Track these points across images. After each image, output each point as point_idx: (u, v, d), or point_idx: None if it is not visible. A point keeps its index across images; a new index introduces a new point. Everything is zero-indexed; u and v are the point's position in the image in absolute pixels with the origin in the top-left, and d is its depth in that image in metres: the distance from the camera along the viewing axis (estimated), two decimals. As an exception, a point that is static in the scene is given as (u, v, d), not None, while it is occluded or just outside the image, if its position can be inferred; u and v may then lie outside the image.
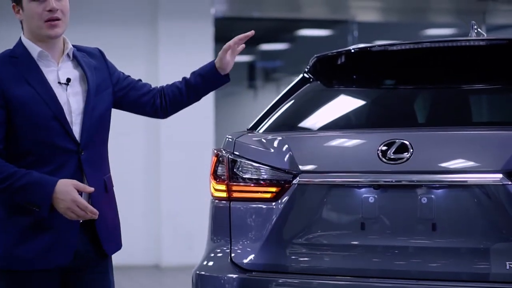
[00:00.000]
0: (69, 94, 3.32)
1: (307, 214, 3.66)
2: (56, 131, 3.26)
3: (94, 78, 3.40)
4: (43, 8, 3.27)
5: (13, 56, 3.31)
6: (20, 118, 3.23)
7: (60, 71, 3.34)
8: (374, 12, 11.11)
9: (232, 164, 3.86)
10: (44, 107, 3.25)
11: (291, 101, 4.10)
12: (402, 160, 3.49)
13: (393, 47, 3.97)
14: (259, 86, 14.18)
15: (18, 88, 3.23)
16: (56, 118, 3.26)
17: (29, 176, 3.19)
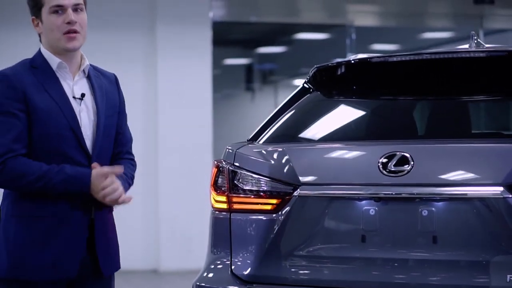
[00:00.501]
0: (81, 109, 3.40)
1: (308, 226, 3.66)
2: (70, 142, 3.34)
3: (103, 99, 3.47)
4: (62, 20, 3.35)
5: (33, 66, 3.39)
6: (37, 126, 3.30)
7: (75, 86, 3.42)
8: (372, 16, 11.12)
9: (233, 175, 3.86)
10: (61, 117, 3.33)
11: (291, 112, 4.10)
12: (403, 173, 3.49)
13: (393, 58, 3.97)
14: (257, 88, 14.19)
15: (38, 97, 3.31)
16: (72, 129, 3.34)
17: (64, 172, 3.28)
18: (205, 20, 9.62)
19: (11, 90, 3.29)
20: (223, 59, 13.04)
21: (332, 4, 10.55)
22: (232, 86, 14.01)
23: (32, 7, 3.41)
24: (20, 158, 3.27)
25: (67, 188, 3.29)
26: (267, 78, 14.47)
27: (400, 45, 12.80)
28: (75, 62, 3.44)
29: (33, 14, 3.42)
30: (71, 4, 3.36)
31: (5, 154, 3.26)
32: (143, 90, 9.58)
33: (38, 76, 3.35)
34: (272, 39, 13.23)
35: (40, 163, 3.29)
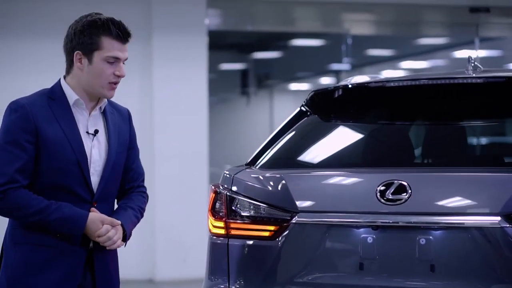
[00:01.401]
0: (94, 145, 3.41)
1: (306, 253, 3.67)
2: (75, 178, 3.35)
3: (115, 135, 3.49)
4: (113, 71, 3.37)
5: (51, 98, 3.38)
6: (45, 159, 3.31)
7: (89, 122, 3.42)
8: (368, 25, 11.12)
9: (230, 201, 3.86)
10: (70, 152, 3.33)
11: (289, 135, 4.10)
12: (401, 201, 3.50)
13: (391, 83, 3.98)
14: (252, 93, 14.19)
15: (49, 129, 3.31)
16: (79, 164, 3.34)
17: (61, 211, 3.30)
18: (201, 29, 9.61)
19: (24, 121, 3.29)
20: (219, 64, 13.04)
21: (328, 13, 10.55)
22: (228, 91, 14.01)
23: (84, 44, 3.36)
24: (21, 190, 3.29)
25: (61, 227, 3.31)
26: (262, 82, 14.47)
27: (395, 52, 12.83)
28: (93, 99, 3.45)
29: (82, 50, 3.36)
30: (124, 58, 3.41)
31: (7, 183, 3.27)
32: (139, 98, 9.56)
33: (54, 109, 3.35)
34: (268, 44, 13.24)
35: (39, 198, 3.31)
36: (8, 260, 3.38)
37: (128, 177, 3.60)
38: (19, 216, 3.31)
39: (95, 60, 3.35)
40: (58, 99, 3.38)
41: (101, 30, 3.35)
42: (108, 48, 3.34)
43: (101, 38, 3.34)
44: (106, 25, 3.35)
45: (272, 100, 14.32)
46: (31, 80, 8.95)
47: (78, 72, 3.39)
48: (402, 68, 13.53)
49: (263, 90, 14.35)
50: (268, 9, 10.37)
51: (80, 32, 3.36)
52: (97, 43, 3.34)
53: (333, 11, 10.51)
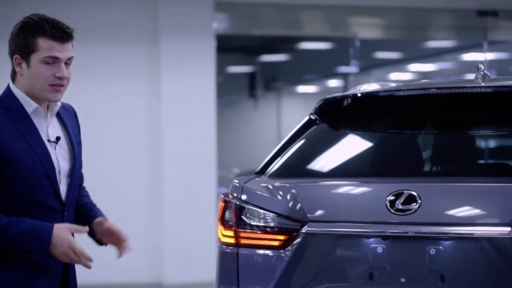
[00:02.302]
0: (57, 152, 3.27)
1: (316, 263, 3.67)
2: (45, 190, 3.20)
3: (75, 138, 3.35)
4: (53, 72, 3.20)
5: (6, 108, 3.21)
6: (12, 174, 3.15)
7: (49, 128, 3.28)
8: (375, 29, 11.12)
9: (240, 210, 3.86)
10: (38, 164, 3.18)
11: (298, 144, 4.10)
12: (410, 212, 3.50)
13: (400, 92, 3.98)
14: (260, 95, 14.20)
15: (14, 143, 3.15)
16: (48, 176, 3.20)
17: (23, 224, 3.12)
18: (208, 33, 9.63)
19: None
20: (226, 66, 13.05)
21: (335, 17, 10.56)
22: (235, 93, 14.02)
23: (20, 47, 3.20)
24: None
25: (25, 241, 3.12)
26: (270, 85, 14.48)
27: (403, 55, 12.82)
28: (45, 103, 3.28)
29: (19, 53, 3.20)
30: (65, 58, 3.22)
31: None
32: (147, 102, 9.58)
33: (13, 120, 3.19)
34: (275, 47, 13.24)
35: (1, 216, 3.12)
36: None
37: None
38: None
39: (32, 62, 3.18)
40: (15, 109, 3.21)
41: (35, 31, 3.17)
42: (44, 49, 3.17)
43: (37, 39, 3.17)
44: (39, 25, 3.17)
45: (279, 103, 14.33)
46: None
47: (19, 77, 3.23)
48: (410, 71, 13.53)
49: (270, 93, 14.36)
50: (275, 13, 10.38)
51: (16, 35, 3.20)
52: (32, 45, 3.17)
53: (340, 15, 10.51)
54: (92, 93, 9.31)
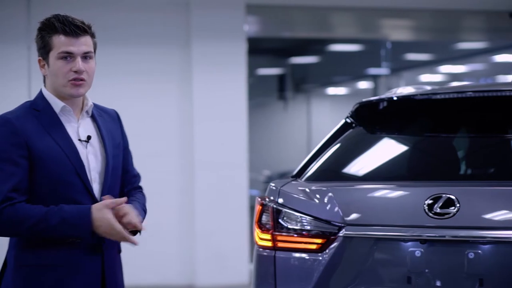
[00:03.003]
0: (88, 151, 3.32)
1: (353, 266, 3.67)
2: (76, 188, 3.26)
3: (110, 138, 3.40)
4: (70, 68, 3.27)
5: (35, 109, 3.30)
6: (41, 172, 3.22)
7: (80, 128, 3.34)
8: (406, 31, 11.09)
9: (277, 213, 3.87)
10: (66, 162, 3.24)
11: (334, 147, 4.11)
12: (449, 215, 3.50)
13: (437, 95, 3.97)
14: (289, 97, 14.19)
15: (41, 142, 3.22)
16: (78, 174, 3.26)
17: (63, 211, 3.19)
18: (240, 36, 9.65)
19: (14, 135, 3.21)
20: (256, 68, 13.06)
21: (366, 19, 10.54)
22: (265, 95, 14.03)
23: (40, 48, 3.32)
24: (18, 205, 3.18)
25: (67, 228, 3.18)
26: (300, 87, 14.47)
27: (434, 57, 12.76)
28: (78, 103, 3.36)
29: (40, 55, 3.33)
30: (80, 52, 3.28)
31: (2, 203, 3.16)
32: (179, 105, 9.62)
33: (41, 120, 3.27)
34: (305, 49, 13.23)
35: (39, 206, 3.20)
36: (15, 285, 3.24)
37: (126, 180, 3.51)
38: (23, 230, 3.18)
39: (51, 61, 3.28)
40: (43, 110, 3.30)
41: (48, 29, 3.27)
42: (58, 45, 3.25)
43: (51, 38, 3.26)
44: (51, 23, 3.28)
45: (309, 105, 14.31)
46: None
47: (46, 79, 3.35)
48: (441, 73, 13.47)
49: (300, 95, 14.35)
50: (306, 15, 10.38)
51: (36, 38, 3.33)
52: (49, 44, 3.27)
53: (371, 17, 10.49)
54: (125, 95, 9.36)
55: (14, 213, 3.17)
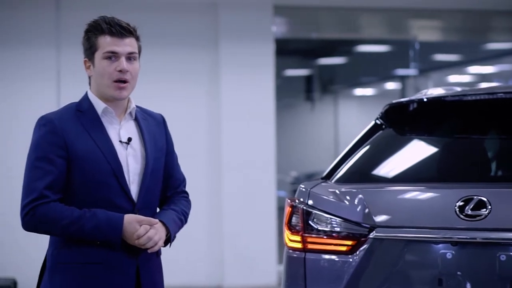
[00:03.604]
0: (128, 153, 3.35)
1: (384, 268, 3.67)
2: (113, 189, 3.29)
3: (152, 141, 3.42)
4: (114, 67, 3.32)
5: (79, 110, 3.35)
6: (79, 172, 3.26)
7: (121, 130, 3.38)
8: (435, 31, 11.04)
9: (307, 215, 3.87)
10: (104, 163, 3.28)
11: (364, 149, 4.10)
12: (480, 217, 3.48)
13: (467, 97, 3.95)
14: (317, 98, 14.18)
15: (81, 142, 3.28)
16: (115, 175, 3.29)
17: (96, 218, 3.24)
18: (268, 37, 9.66)
19: (53, 135, 3.26)
20: (283, 69, 13.06)
21: (394, 19, 10.51)
22: (292, 96, 14.02)
23: (86, 49, 3.38)
24: (51, 204, 3.23)
25: (98, 234, 3.24)
26: (327, 87, 14.45)
27: (463, 57, 12.69)
28: (121, 105, 3.40)
29: (86, 56, 3.38)
30: (125, 52, 3.33)
31: (36, 200, 3.22)
32: (207, 106, 9.64)
33: (83, 121, 3.32)
34: (333, 50, 13.21)
35: (72, 208, 3.25)
36: (53, 282, 3.28)
37: (169, 184, 3.53)
38: (55, 230, 3.24)
39: (96, 61, 3.34)
40: (86, 111, 3.35)
41: (94, 30, 3.34)
42: (104, 45, 3.31)
43: (97, 38, 3.33)
44: (97, 24, 3.34)
45: (337, 106, 14.29)
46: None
47: (91, 80, 3.40)
48: (469, 74, 13.40)
49: (328, 96, 14.33)
50: (334, 17, 10.36)
51: (82, 39, 3.39)
52: (94, 44, 3.33)
53: (399, 17, 10.45)
54: (153, 96, 9.38)
55: (47, 212, 3.22)
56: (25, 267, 8.86)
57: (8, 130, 9.17)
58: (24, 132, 9.02)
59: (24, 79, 9.20)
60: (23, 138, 9.00)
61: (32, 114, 9.05)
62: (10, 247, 8.97)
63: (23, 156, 3.35)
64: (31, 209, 3.22)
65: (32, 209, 3.22)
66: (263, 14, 9.66)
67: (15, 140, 9.10)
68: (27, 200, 3.24)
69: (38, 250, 9.04)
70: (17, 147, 9.06)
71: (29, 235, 8.98)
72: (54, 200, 3.24)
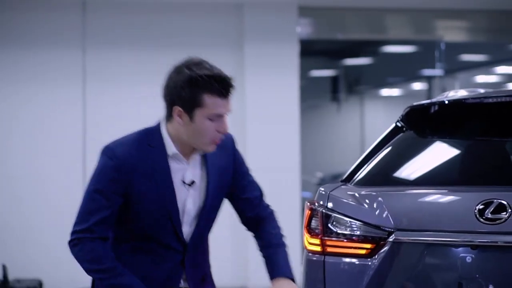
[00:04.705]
0: (189, 195, 3.25)
1: (403, 272, 3.65)
2: (166, 230, 3.22)
3: (216, 178, 3.30)
4: (216, 127, 3.16)
5: (150, 145, 3.19)
6: (134, 209, 3.19)
7: (187, 171, 3.24)
8: (461, 32, 10.99)
9: (326, 218, 3.86)
10: (162, 206, 3.19)
11: (384, 152, 4.08)
12: (501, 221, 3.45)
13: (489, 99, 3.92)
14: (342, 99, 14.14)
15: (143, 182, 3.17)
16: (170, 218, 3.20)
17: (123, 278, 3.17)
18: (292, 38, 9.65)
19: (117, 173, 3.15)
20: (309, 70, 13.04)
21: (420, 20, 10.47)
22: (318, 97, 13.99)
23: (185, 100, 3.12)
24: (97, 242, 3.19)
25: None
26: (353, 88, 14.40)
27: (489, 58, 12.62)
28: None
29: (182, 106, 3.12)
30: (228, 112, 3.20)
31: (84, 232, 3.18)
32: (231, 108, 9.63)
33: (151, 158, 3.18)
34: (358, 51, 13.17)
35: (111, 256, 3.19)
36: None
37: (246, 205, 3.45)
38: (87, 268, 3.20)
39: (197, 118, 3.13)
40: (157, 148, 3.19)
41: (202, 87, 3.11)
42: (211, 107, 3.12)
43: (203, 96, 3.10)
44: (208, 83, 3.11)
45: (362, 106, 14.24)
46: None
47: (178, 126, 3.17)
48: (496, 74, 13.31)
49: (353, 96, 14.29)
50: (359, 17, 10.34)
51: (181, 88, 3.12)
52: (198, 101, 3.11)
53: (425, 18, 10.41)
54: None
55: (90, 249, 3.18)
56: (51, 268, 8.92)
57: (33, 132, 9.22)
58: (49, 134, 9.10)
59: (50, 81, 9.27)
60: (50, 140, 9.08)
61: (57, 116, 9.14)
62: (35, 248, 9.03)
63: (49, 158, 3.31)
64: (77, 239, 3.18)
65: (77, 239, 3.18)
66: (288, 15, 9.65)
67: (44, 141, 9.17)
68: (76, 229, 3.19)
69: (63, 250, 9.11)
70: (45, 149, 9.13)
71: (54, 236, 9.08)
72: (101, 238, 3.19)
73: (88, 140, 9.24)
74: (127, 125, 9.27)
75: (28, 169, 9.16)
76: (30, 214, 9.08)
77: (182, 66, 3.19)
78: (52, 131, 9.23)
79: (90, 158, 9.22)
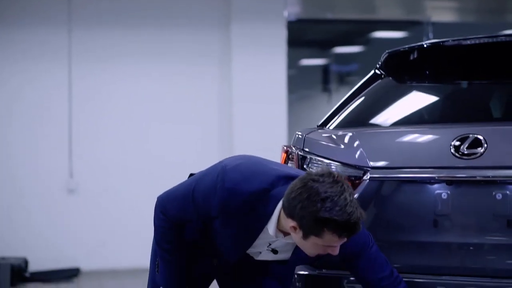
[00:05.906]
0: (268, 254, 3.34)
1: (379, 210, 3.60)
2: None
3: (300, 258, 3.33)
4: (325, 249, 3.07)
5: (253, 209, 3.14)
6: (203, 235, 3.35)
7: (276, 242, 3.26)
8: (450, 12, 10.96)
9: (302, 160, 3.81)
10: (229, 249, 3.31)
11: (362, 98, 4.04)
12: (476, 156, 3.40)
13: (467, 41, 3.88)
14: (333, 89, 14.08)
15: (226, 228, 3.21)
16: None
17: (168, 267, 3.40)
18: (280, 19, 9.60)
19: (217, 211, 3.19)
20: (299, 60, 13.00)
21: (409, 0, 10.44)
22: (308, 87, 13.94)
23: (306, 226, 2.99)
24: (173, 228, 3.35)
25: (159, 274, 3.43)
26: (344, 79, 14.35)
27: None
28: None
29: (299, 225, 3.01)
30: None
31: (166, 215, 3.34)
32: (218, 87, 9.59)
33: (246, 219, 3.16)
34: (347, 39, 13.13)
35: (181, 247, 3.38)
36: None
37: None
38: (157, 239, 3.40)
39: (310, 240, 3.04)
40: (259, 215, 3.16)
41: (327, 226, 2.97)
42: (327, 241, 3.02)
43: (324, 231, 2.98)
44: (335, 226, 2.95)
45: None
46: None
47: (289, 229, 3.09)
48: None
49: (344, 87, 14.23)
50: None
51: (305, 217, 2.97)
52: (317, 232, 2.99)
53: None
54: (164, 77, 9.36)
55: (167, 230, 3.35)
56: (36, 246, 8.86)
57: (9, 112, 9.15)
58: (27, 112, 9.03)
59: (35, 62, 9.20)
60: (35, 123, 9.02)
61: (40, 94, 9.07)
62: (21, 227, 8.96)
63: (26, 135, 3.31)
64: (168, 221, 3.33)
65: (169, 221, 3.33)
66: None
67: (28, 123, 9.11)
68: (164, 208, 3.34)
69: (48, 229, 9.05)
70: (30, 131, 9.07)
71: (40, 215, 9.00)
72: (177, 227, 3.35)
73: (74, 122, 9.17)
74: (114, 106, 9.23)
75: (15, 149, 9.09)
76: (16, 194, 9.02)
77: (314, 193, 2.98)
78: (37, 113, 9.16)
79: (76, 139, 9.16)
